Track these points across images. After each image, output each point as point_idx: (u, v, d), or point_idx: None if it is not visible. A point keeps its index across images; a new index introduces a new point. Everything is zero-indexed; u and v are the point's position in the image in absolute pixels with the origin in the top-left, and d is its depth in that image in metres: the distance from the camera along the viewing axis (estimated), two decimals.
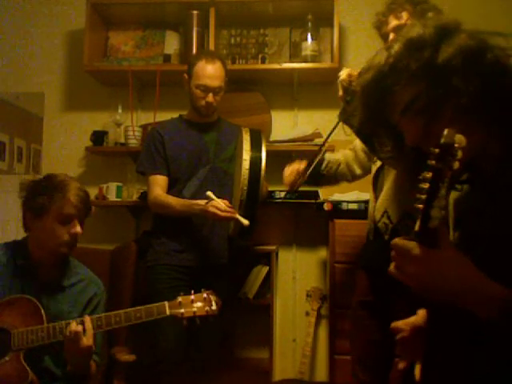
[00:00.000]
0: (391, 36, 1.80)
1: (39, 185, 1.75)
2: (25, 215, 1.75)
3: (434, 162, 0.78)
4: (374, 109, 0.99)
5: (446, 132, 0.78)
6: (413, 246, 0.84)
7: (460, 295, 0.82)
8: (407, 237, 0.86)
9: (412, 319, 1.17)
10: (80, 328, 1.57)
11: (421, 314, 1.16)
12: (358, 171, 2.12)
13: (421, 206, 0.81)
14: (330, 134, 1.84)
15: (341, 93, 1.67)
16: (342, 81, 1.64)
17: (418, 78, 0.91)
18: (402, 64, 0.92)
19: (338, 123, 1.77)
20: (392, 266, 0.88)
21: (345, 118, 1.72)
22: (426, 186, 0.80)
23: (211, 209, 2.10)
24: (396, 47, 0.94)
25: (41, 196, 1.70)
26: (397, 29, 1.78)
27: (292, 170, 2.05)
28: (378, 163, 1.90)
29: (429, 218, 0.81)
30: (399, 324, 1.19)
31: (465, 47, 0.90)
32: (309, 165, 1.99)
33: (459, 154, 0.78)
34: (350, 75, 1.64)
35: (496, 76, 0.89)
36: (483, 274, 0.82)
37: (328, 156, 2.14)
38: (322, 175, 2.12)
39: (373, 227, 1.86)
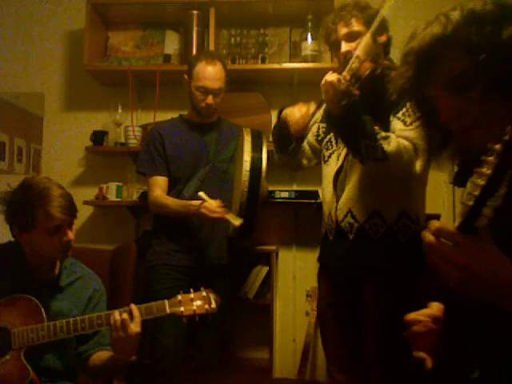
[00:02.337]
0: (343, 44, 1.81)
1: (18, 198, 1.68)
2: (11, 229, 1.72)
3: (492, 158, 0.75)
4: (421, 74, 0.95)
5: (509, 129, 0.76)
6: (460, 234, 0.79)
7: (505, 290, 0.80)
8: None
9: (427, 311, 1.16)
10: (126, 315, 1.58)
11: (435, 307, 1.14)
12: (305, 162, 2.10)
13: (470, 202, 0.77)
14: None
15: (327, 97, 1.65)
16: (336, 84, 1.62)
17: (476, 52, 0.88)
18: (464, 33, 0.89)
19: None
20: (430, 253, 0.83)
21: (329, 121, 1.73)
22: (481, 181, 0.76)
23: (202, 210, 2.11)
24: (456, 15, 0.91)
25: (23, 211, 1.64)
26: (347, 36, 1.80)
27: (302, 113, 1.93)
28: (335, 165, 1.88)
29: (479, 215, 0.77)
30: (414, 316, 1.16)
31: None
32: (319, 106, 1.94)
33: None
34: (339, 79, 1.63)
35: None
36: None
37: None
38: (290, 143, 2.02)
39: (334, 227, 1.85)
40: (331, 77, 1.63)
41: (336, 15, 1.84)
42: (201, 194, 2.15)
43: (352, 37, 1.79)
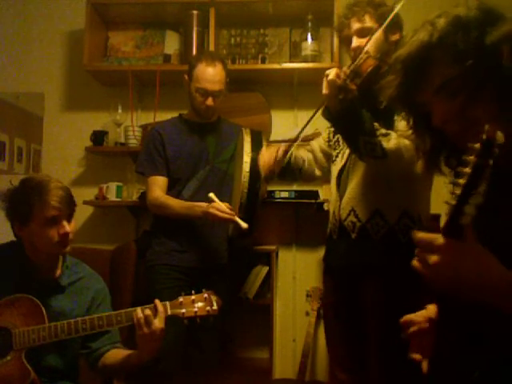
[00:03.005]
0: (354, 39, 1.81)
1: (17, 192, 1.71)
2: (12, 225, 1.73)
3: (473, 157, 0.77)
4: (410, 82, 0.97)
5: (487, 128, 0.77)
6: (437, 236, 0.82)
7: (483, 289, 0.81)
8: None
9: (423, 313, 1.16)
10: (149, 312, 1.58)
11: (431, 309, 1.14)
12: (318, 173, 2.10)
13: (453, 201, 0.79)
14: (308, 123, 1.85)
15: (326, 92, 1.66)
16: (333, 81, 1.63)
17: (463, 57, 0.90)
18: (449, 40, 0.91)
19: (313, 115, 1.78)
20: (415, 261, 0.85)
21: (328, 117, 1.73)
22: (461, 181, 0.78)
23: (211, 210, 2.10)
24: (441, 22, 0.93)
25: (20, 204, 1.67)
26: (360, 32, 1.80)
27: (268, 156, 1.98)
28: (339, 164, 1.89)
29: (461, 213, 0.79)
30: (412, 317, 1.17)
31: None
32: (286, 152, 1.96)
33: (496, 151, 0.77)
34: (338, 74, 1.63)
35: None
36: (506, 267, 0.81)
37: (294, 151, 2.12)
38: (288, 167, 2.05)
39: (337, 226, 1.86)
40: (329, 71, 1.64)
41: (349, 10, 1.83)
42: (211, 195, 2.15)
43: (364, 33, 1.78)
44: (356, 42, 1.80)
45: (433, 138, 1.04)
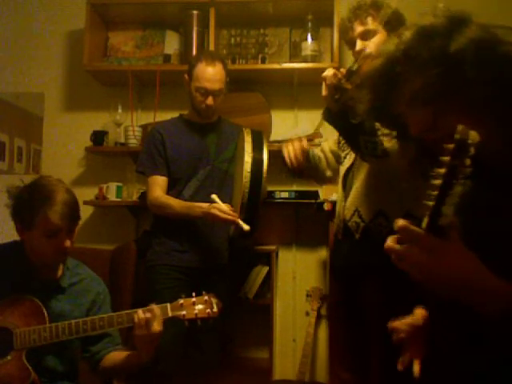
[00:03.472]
0: (358, 42, 1.81)
1: (24, 195, 1.69)
2: (15, 225, 1.73)
3: (447, 158, 0.77)
4: (381, 96, 0.98)
5: (460, 128, 0.77)
6: (423, 232, 0.82)
7: (464, 289, 0.81)
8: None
9: (409, 319, 1.17)
10: (149, 315, 1.58)
11: (418, 314, 1.15)
12: (329, 174, 2.09)
13: (431, 202, 0.80)
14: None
15: (325, 93, 1.67)
16: (329, 81, 1.64)
17: (429, 67, 0.90)
18: (414, 51, 0.92)
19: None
20: (394, 256, 0.85)
21: (328, 118, 1.73)
22: (437, 182, 0.78)
23: (213, 210, 2.10)
24: (407, 34, 0.93)
25: (24, 210, 1.67)
26: (363, 34, 1.80)
27: (294, 150, 1.93)
28: (346, 164, 1.89)
29: (440, 215, 0.80)
30: (397, 324, 1.18)
31: (477, 38, 0.89)
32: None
33: (472, 150, 0.77)
34: (335, 74, 1.64)
35: (506, 69, 0.88)
36: (488, 269, 0.81)
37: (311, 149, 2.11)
38: (309, 163, 2.03)
39: (342, 226, 1.86)
40: (326, 71, 1.64)
41: (352, 13, 1.84)
42: (213, 196, 2.15)
43: (367, 35, 1.78)
44: (360, 44, 1.81)
45: (417, 146, 1.04)
